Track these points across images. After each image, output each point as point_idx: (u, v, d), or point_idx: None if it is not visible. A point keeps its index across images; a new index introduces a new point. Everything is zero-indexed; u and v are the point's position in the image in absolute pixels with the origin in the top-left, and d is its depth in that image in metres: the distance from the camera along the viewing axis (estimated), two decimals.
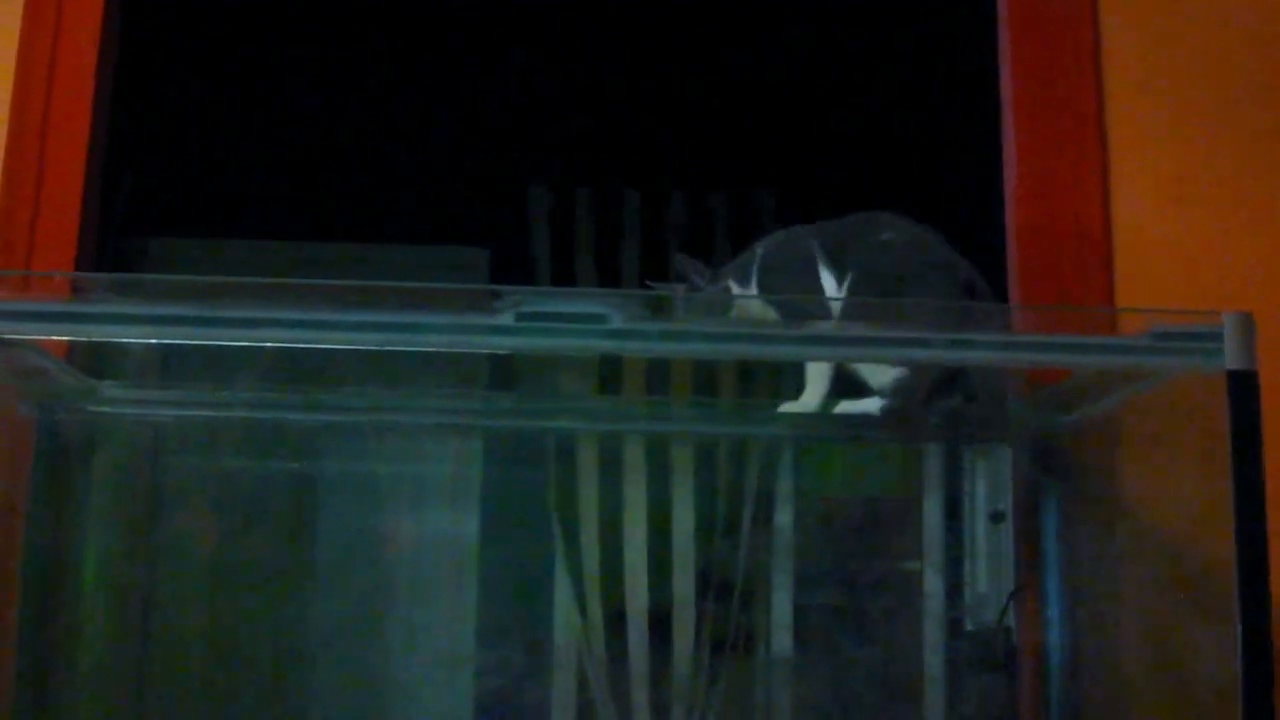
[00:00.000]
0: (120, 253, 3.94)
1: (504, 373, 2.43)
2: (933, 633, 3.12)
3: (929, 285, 2.04)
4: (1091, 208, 2.35)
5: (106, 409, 2.32)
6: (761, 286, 2.14)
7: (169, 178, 4.01)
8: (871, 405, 2.07)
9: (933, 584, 3.10)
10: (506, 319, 1.69)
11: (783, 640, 3.41)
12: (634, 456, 3.44)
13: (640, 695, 3.51)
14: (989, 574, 3.26)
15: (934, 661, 3.15)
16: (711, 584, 3.50)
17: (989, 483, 3.08)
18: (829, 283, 2.10)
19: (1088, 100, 2.38)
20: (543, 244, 3.93)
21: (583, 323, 1.71)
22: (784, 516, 3.38)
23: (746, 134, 4.08)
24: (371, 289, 1.79)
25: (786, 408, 2.19)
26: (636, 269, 3.80)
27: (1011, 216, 2.41)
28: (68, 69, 2.40)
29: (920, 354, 1.87)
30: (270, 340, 1.78)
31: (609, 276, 3.77)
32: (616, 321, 1.70)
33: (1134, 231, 2.35)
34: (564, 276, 3.83)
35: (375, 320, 1.72)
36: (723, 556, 3.48)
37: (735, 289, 2.16)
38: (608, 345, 1.79)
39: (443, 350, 1.82)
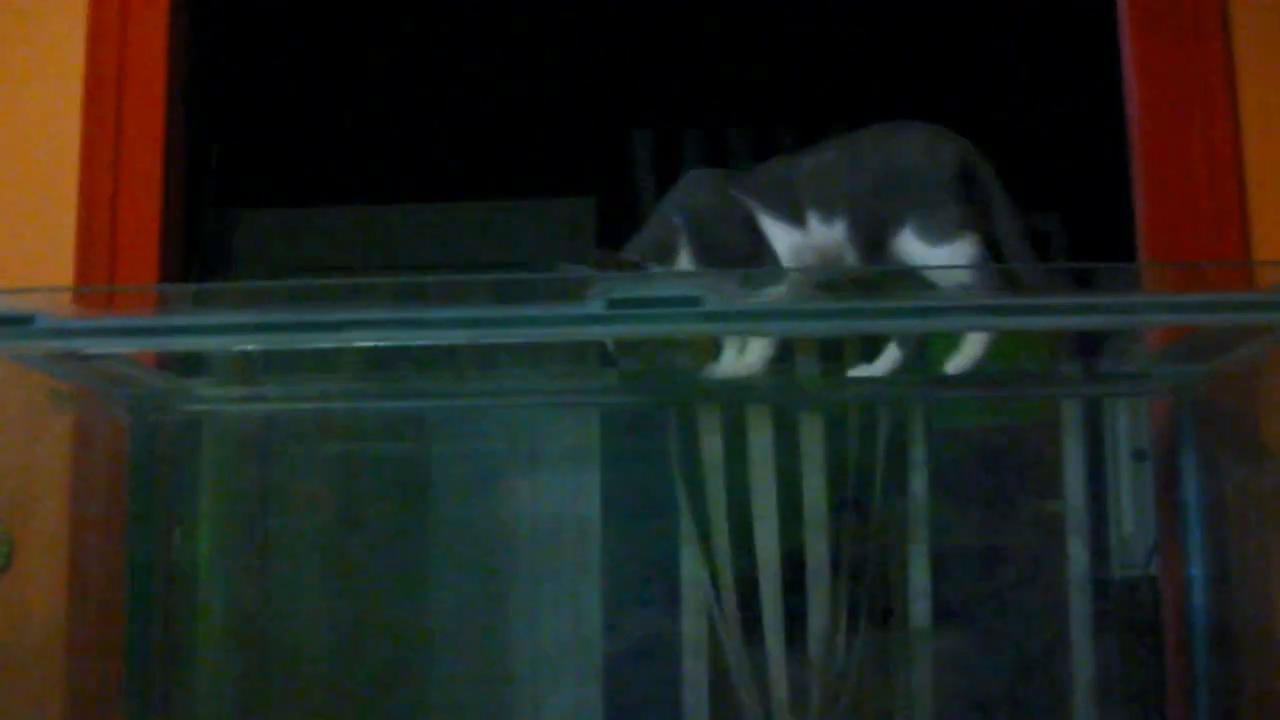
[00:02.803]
0: (212, 226, 3.93)
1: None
2: (1078, 582, 3.05)
3: (908, 187, 1.86)
4: (1222, 145, 2.24)
5: (199, 407, 2.29)
6: (703, 254, 1.97)
7: (263, 147, 3.96)
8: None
9: (1076, 532, 3.02)
10: (597, 307, 1.60)
11: (921, 610, 3.34)
12: (759, 423, 3.36)
13: (775, 644, 3.45)
14: (1135, 515, 3.19)
15: (1080, 612, 3.08)
16: (845, 551, 3.42)
17: (1130, 422, 2.99)
18: (782, 235, 1.94)
19: (1213, 30, 2.26)
20: (649, 190, 3.85)
21: (675, 306, 1.62)
22: (917, 477, 3.30)
23: (859, 65, 3.95)
24: (460, 282, 1.72)
25: (722, 370, 2.05)
26: None
27: (1138, 161, 2.30)
28: (139, 51, 2.35)
29: (1033, 321, 1.75)
30: (357, 340, 1.71)
31: None
32: (710, 303, 1.61)
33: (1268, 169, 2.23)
34: None
35: (464, 316, 1.63)
36: (856, 520, 3.40)
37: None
38: (703, 328, 1.71)
39: (535, 341, 1.75)
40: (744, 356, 2.04)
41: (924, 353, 2.07)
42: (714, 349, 2.09)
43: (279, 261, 4.04)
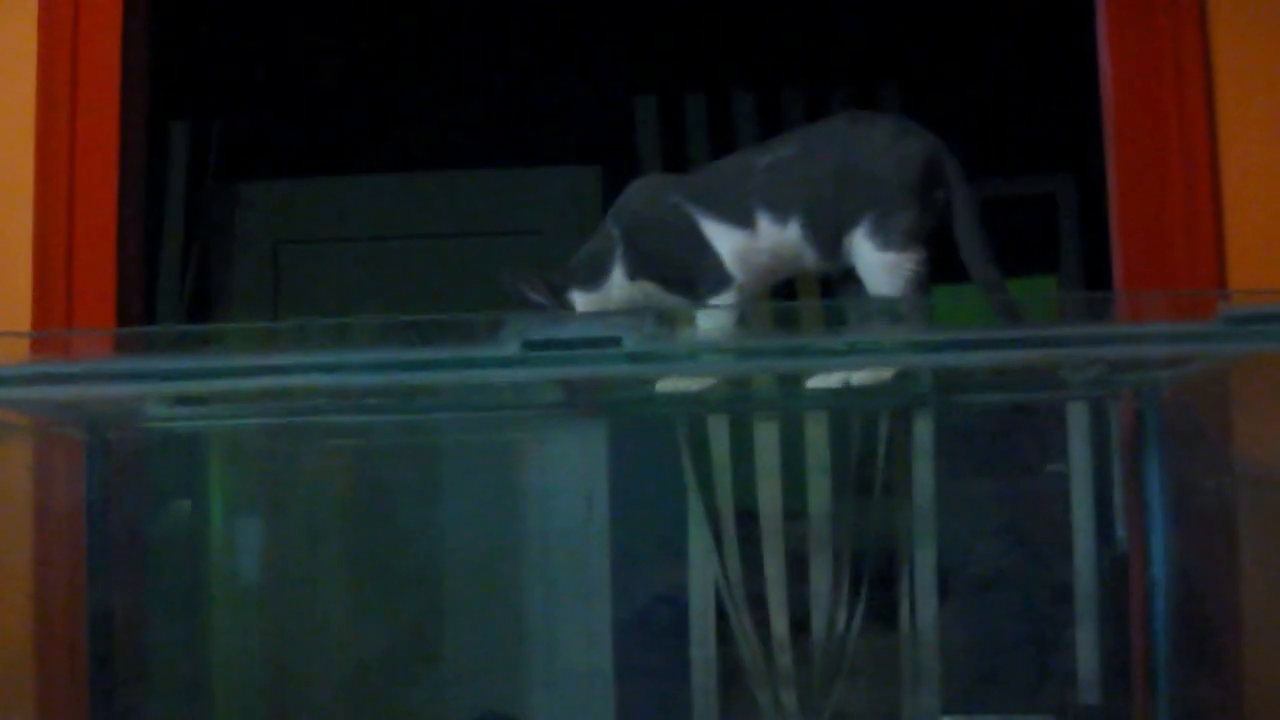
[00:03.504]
0: (215, 198, 3.94)
1: None
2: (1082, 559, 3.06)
3: (868, 185, 1.79)
4: (1197, 156, 2.20)
5: (154, 425, 2.28)
6: (638, 268, 1.89)
7: (265, 119, 3.95)
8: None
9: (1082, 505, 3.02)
10: (512, 349, 1.57)
11: (927, 608, 3.35)
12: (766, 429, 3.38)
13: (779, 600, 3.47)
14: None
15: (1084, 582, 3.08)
16: (847, 524, 3.42)
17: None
18: (725, 238, 1.86)
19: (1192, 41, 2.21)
20: (653, 156, 3.81)
21: (594, 347, 1.58)
22: (923, 473, 3.30)
23: (866, 22, 3.87)
24: (371, 325, 1.70)
25: (674, 384, 1.92)
26: None
27: (1112, 172, 2.27)
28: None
29: (973, 358, 1.72)
30: (271, 385, 1.69)
31: None
32: (631, 344, 1.57)
33: (1244, 184, 2.20)
34: None
35: (375, 360, 1.61)
36: (862, 516, 3.40)
37: (579, 298, 1.90)
38: (624, 370, 1.66)
39: (451, 384, 1.73)
40: None
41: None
42: None
43: (281, 234, 4.05)
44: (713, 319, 1.85)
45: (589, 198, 3.90)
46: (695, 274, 1.86)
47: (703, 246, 1.86)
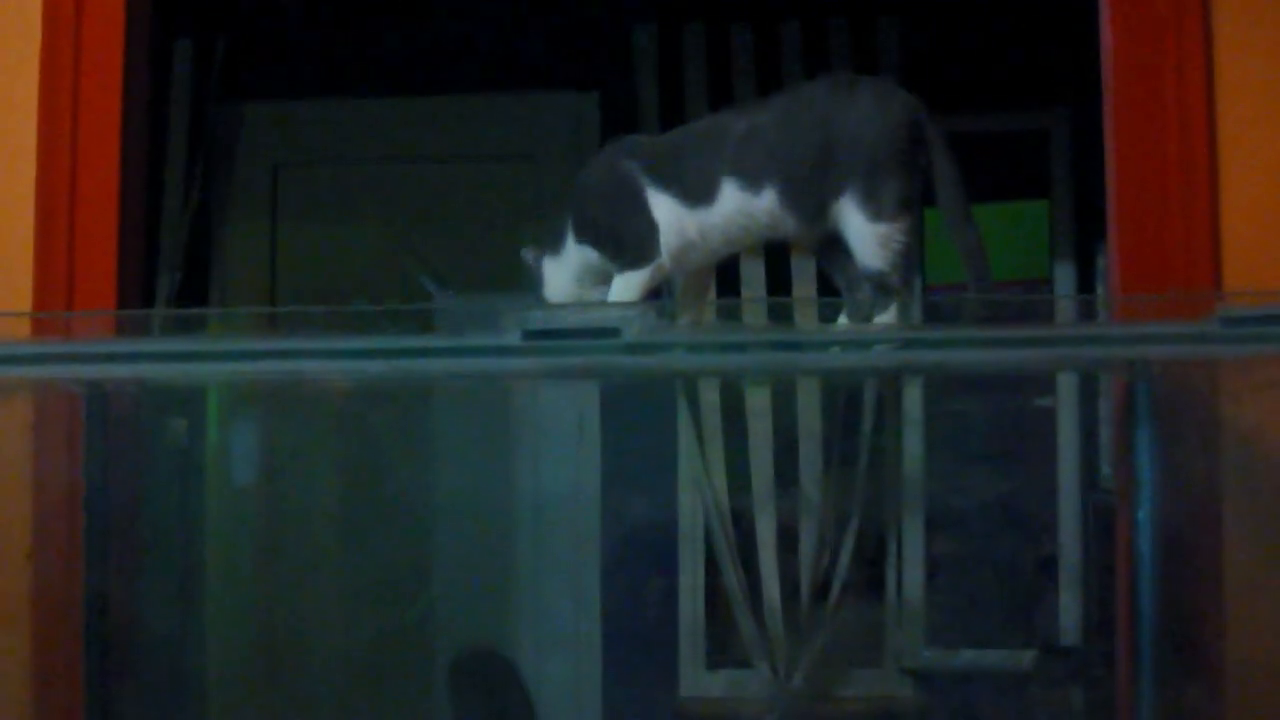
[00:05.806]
0: (217, 119, 3.92)
1: None
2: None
3: (859, 153, 1.75)
4: (1193, 90, 2.16)
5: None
6: (580, 232, 1.88)
7: (265, 39, 3.92)
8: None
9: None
10: (512, 338, 1.57)
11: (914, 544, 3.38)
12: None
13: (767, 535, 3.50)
14: None
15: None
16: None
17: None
18: (672, 212, 1.82)
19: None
20: (650, 85, 3.80)
21: (594, 338, 1.58)
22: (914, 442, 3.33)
23: None
24: (373, 313, 1.70)
25: None
26: None
27: (1108, 107, 2.22)
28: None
29: (971, 355, 1.73)
30: (272, 371, 1.69)
31: None
32: (630, 335, 1.57)
33: (1240, 120, 2.16)
34: (675, 118, 3.67)
35: (377, 347, 1.62)
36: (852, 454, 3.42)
37: (548, 265, 1.91)
38: (625, 362, 1.67)
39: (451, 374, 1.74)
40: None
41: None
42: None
43: (281, 155, 4.03)
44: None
45: (586, 124, 3.89)
46: (623, 242, 1.84)
47: (640, 216, 1.83)
